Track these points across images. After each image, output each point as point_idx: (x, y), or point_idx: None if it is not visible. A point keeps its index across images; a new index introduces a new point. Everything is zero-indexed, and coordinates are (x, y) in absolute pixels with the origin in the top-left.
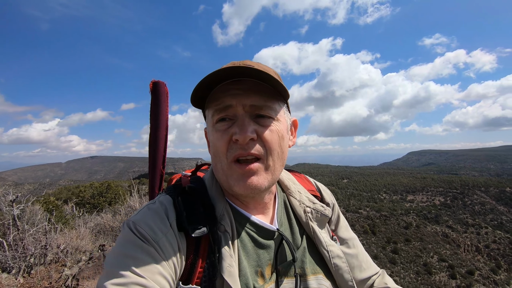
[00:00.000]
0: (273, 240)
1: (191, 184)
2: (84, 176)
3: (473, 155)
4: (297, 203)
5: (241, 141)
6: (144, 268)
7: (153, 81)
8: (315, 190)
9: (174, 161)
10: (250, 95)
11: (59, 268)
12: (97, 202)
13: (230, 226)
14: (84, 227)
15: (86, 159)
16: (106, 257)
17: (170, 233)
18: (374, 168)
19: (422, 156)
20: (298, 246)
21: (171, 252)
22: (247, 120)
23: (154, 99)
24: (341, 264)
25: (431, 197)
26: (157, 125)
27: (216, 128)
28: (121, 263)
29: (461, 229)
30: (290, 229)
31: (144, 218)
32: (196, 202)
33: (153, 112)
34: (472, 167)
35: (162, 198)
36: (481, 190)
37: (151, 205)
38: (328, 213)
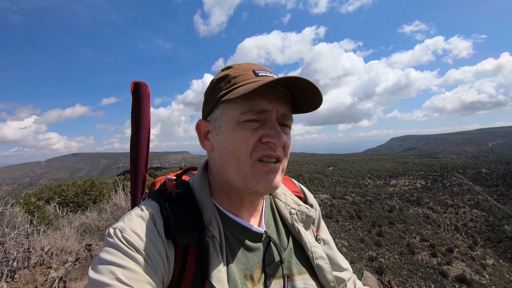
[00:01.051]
0: (261, 242)
1: (177, 189)
2: (66, 174)
3: (452, 139)
4: (283, 205)
5: (278, 144)
6: (131, 277)
7: (134, 82)
8: (299, 192)
9: (159, 155)
10: (283, 104)
11: (44, 270)
12: (81, 201)
13: (218, 231)
14: (69, 227)
15: (67, 156)
16: (91, 265)
17: (158, 241)
18: (358, 155)
19: (404, 141)
20: (285, 247)
21: (159, 260)
22: (278, 124)
23: (136, 100)
24: (324, 265)
25: (412, 180)
26: (138, 127)
27: (243, 126)
28: (107, 271)
29: (441, 210)
30: (276, 231)
31: (131, 225)
32: (184, 208)
33: (134, 114)
34: (451, 150)
35: (148, 204)
36: (459, 172)
37: (137, 211)
38: (313, 214)
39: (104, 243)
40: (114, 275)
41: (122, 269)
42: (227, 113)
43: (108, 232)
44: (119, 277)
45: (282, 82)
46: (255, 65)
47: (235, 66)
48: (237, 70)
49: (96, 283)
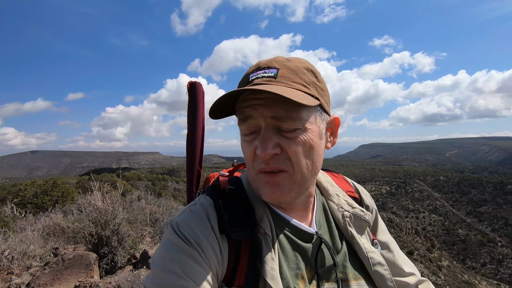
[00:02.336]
0: (312, 243)
1: (230, 185)
2: (23, 173)
3: (414, 148)
4: (336, 207)
5: (262, 157)
6: (188, 271)
7: (190, 82)
8: (354, 191)
9: (128, 156)
10: (271, 106)
11: (5, 276)
12: (42, 202)
13: (270, 229)
14: (31, 230)
15: (24, 154)
16: (153, 255)
17: (212, 236)
18: (329, 160)
19: (371, 148)
20: (338, 250)
21: (212, 255)
22: (268, 134)
23: (192, 99)
24: (383, 271)
25: (378, 186)
26: (194, 125)
27: (243, 139)
28: (166, 264)
29: (403, 214)
30: (329, 233)
31: (187, 220)
32: (237, 204)
33: (190, 112)
34: (413, 158)
35: (203, 199)
36: (420, 179)
37: (192, 206)
38: (369, 218)
39: (163, 237)
40: (172, 268)
41: (179, 263)
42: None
43: (167, 226)
44: (177, 271)
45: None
46: (258, 64)
47: (247, 70)
48: (243, 77)
49: (156, 274)
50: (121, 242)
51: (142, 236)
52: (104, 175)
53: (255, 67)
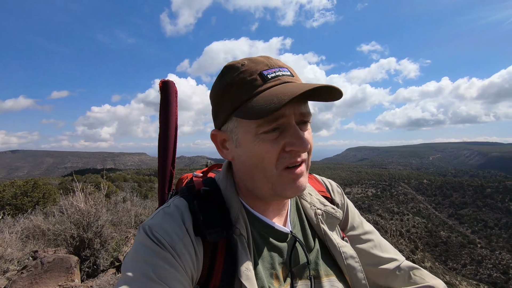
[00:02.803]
0: (287, 242)
1: (205, 186)
2: (2, 173)
3: (399, 151)
4: (308, 205)
5: (302, 151)
6: (162, 275)
7: (163, 80)
8: (325, 191)
9: (114, 156)
10: (301, 103)
11: None
12: (21, 203)
13: (245, 229)
14: (9, 232)
15: (5, 153)
16: (124, 260)
17: (187, 238)
18: (317, 163)
19: (358, 152)
20: (311, 248)
21: (187, 257)
22: (298, 128)
23: (164, 98)
24: (355, 264)
25: (365, 189)
26: (167, 124)
27: (262, 138)
28: (139, 269)
29: (388, 217)
30: (302, 231)
31: (160, 222)
32: (212, 205)
33: (163, 112)
34: (398, 162)
35: (177, 201)
36: (404, 182)
37: (166, 208)
38: (339, 215)
39: (135, 240)
40: (145, 273)
41: (152, 267)
42: (243, 125)
43: (139, 229)
44: (150, 275)
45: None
46: (261, 63)
47: (240, 68)
48: (243, 74)
49: (128, 279)
50: (104, 245)
51: (126, 238)
52: (88, 176)
53: (260, 64)
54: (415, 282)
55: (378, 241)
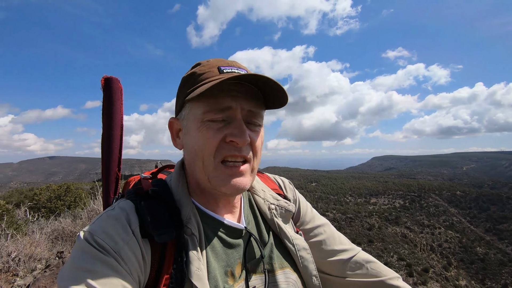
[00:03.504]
0: (242, 238)
1: (154, 187)
2: (40, 178)
3: (429, 161)
4: (262, 201)
5: (241, 144)
6: (103, 282)
7: (105, 77)
8: (278, 188)
9: (141, 163)
10: (249, 100)
11: (9, 278)
12: (55, 206)
13: (197, 229)
14: (40, 233)
15: (43, 159)
16: (60, 272)
17: (133, 241)
18: (340, 172)
19: (384, 161)
20: (265, 243)
21: (134, 261)
22: (243, 124)
23: (107, 96)
24: (306, 255)
25: (392, 200)
26: (110, 124)
27: (207, 125)
28: (77, 278)
29: (418, 230)
30: (256, 227)
31: (103, 226)
32: (161, 206)
33: (106, 110)
34: (428, 172)
35: (122, 203)
36: (435, 194)
37: (109, 211)
38: (292, 208)
39: (73, 248)
40: (85, 282)
41: (93, 275)
42: (193, 112)
43: (78, 235)
44: (91, 284)
45: (241, 79)
46: (222, 61)
47: (203, 63)
48: (204, 67)
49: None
50: None
51: None
52: None
53: (221, 62)
54: (370, 274)
55: (331, 233)
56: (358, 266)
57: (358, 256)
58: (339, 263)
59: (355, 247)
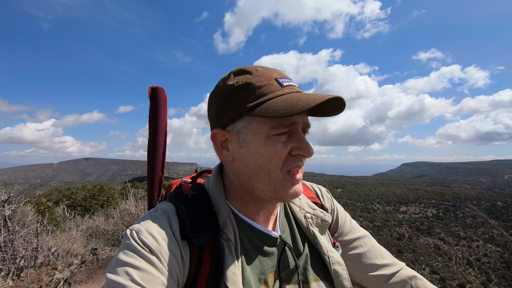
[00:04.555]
0: (276, 247)
1: (193, 191)
2: (76, 178)
3: (466, 168)
4: (298, 209)
5: (308, 157)
6: (146, 278)
7: (152, 87)
8: (315, 197)
9: (168, 166)
10: (306, 113)
11: (49, 271)
12: (89, 205)
13: (233, 234)
14: (76, 230)
15: (79, 160)
16: (109, 265)
17: (173, 242)
18: (368, 178)
19: (415, 167)
20: (300, 252)
21: (173, 261)
22: (304, 136)
23: (153, 104)
24: (341, 271)
25: (423, 208)
26: (156, 130)
27: (273, 140)
28: (122, 272)
29: (453, 242)
30: (292, 235)
31: (147, 226)
32: (199, 210)
33: (152, 118)
34: (464, 180)
35: (165, 206)
36: (472, 203)
37: (153, 213)
38: (328, 218)
39: (121, 244)
40: (130, 276)
41: (137, 271)
42: (255, 126)
43: (125, 233)
44: (134, 279)
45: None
46: (274, 71)
47: (254, 72)
48: (259, 78)
49: (112, 283)
50: None
51: None
52: (145, 183)
53: (274, 72)
54: None
55: (372, 246)
56: (401, 283)
57: (402, 272)
58: (380, 278)
59: (399, 262)
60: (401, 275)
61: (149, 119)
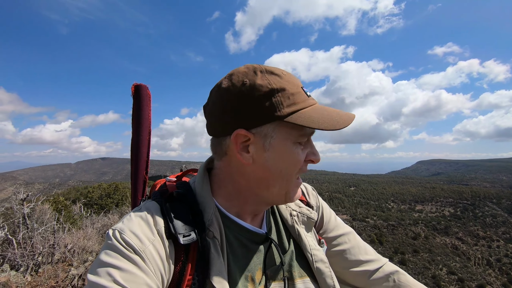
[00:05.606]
0: (262, 244)
1: (178, 189)
2: (93, 177)
3: (485, 166)
4: (284, 206)
5: (317, 162)
6: (128, 279)
7: (135, 84)
8: (301, 195)
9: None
10: None
11: (65, 267)
12: (105, 203)
13: (219, 232)
14: (91, 228)
15: (95, 160)
16: (90, 267)
17: (158, 241)
18: (382, 176)
19: (431, 165)
20: (286, 250)
21: (158, 260)
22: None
23: (136, 102)
24: (324, 269)
25: (440, 207)
26: (139, 129)
27: (297, 146)
28: (104, 274)
29: (472, 242)
30: (277, 233)
31: (130, 225)
32: (185, 208)
33: (135, 116)
34: (484, 178)
35: (149, 204)
36: (492, 202)
37: (136, 212)
38: (314, 216)
39: (103, 245)
40: (112, 277)
41: (119, 271)
42: (285, 131)
43: (107, 233)
44: (117, 279)
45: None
46: (296, 78)
47: (283, 77)
48: (289, 84)
49: (94, 285)
50: None
51: None
52: None
53: (298, 80)
54: (397, 287)
55: (356, 242)
56: (384, 277)
57: (384, 267)
58: (364, 274)
59: (382, 258)
60: (384, 270)
61: (132, 117)
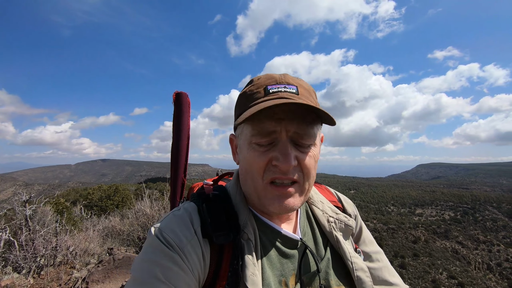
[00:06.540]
0: (297, 249)
1: (214, 191)
2: (93, 178)
3: (485, 170)
4: (320, 212)
5: (284, 168)
6: (169, 275)
7: (176, 92)
8: (337, 201)
9: None
10: (294, 120)
11: (68, 270)
12: (105, 205)
13: (253, 235)
14: (93, 230)
15: (95, 162)
16: (133, 262)
17: (195, 240)
18: (382, 179)
19: (431, 169)
20: (322, 256)
21: (195, 259)
22: (289, 147)
23: (177, 109)
24: (365, 278)
25: (440, 211)
26: (179, 134)
27: (253, 148)
28: (146, 269)
29: (472, 246)
30: (313, 239)
31: (170, 224)
32: (220, 209)
33: (175, 122)
34: (484, 182)
35: (187, 205)
36: (493, 206)
37: (176, 211)
38: (352, 223)
39: (145, 242)
40: (153, 273)
41: (160, 267)
42: (244, 133)
43: (149, 231)
44: (157, 275)
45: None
46: (272, 78)
47: (254, 81)
48: (253, 87)
49: (136, 280)
50: None
51: None
52: (158, 184)
53: (271, 79)
54: None
55: (386, 263)
56: None
57: None
58: None
59: (404, 285)
60: None
61: (173, 123)
